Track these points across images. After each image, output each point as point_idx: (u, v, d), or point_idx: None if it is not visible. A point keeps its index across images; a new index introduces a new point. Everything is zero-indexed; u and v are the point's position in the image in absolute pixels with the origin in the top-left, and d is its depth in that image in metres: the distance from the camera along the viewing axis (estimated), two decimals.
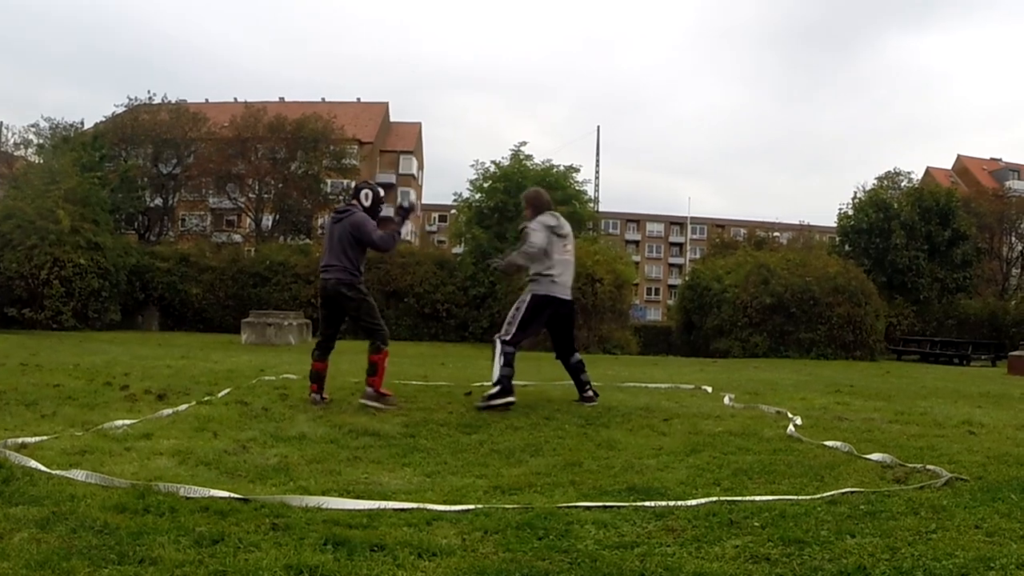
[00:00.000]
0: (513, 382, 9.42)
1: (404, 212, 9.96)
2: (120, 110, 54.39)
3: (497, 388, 9.20)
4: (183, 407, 8.45)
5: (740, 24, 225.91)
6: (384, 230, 9.71)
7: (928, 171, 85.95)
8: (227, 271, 36.48)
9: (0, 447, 5.76)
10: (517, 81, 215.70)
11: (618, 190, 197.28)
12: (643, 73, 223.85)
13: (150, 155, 53.91)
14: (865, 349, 30.16)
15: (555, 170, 39.60)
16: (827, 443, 7.11)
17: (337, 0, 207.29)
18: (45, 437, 6.47)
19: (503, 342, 9.55)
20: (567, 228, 10.08)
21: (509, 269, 10.64)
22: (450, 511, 4.66)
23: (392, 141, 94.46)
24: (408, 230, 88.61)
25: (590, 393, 10.11)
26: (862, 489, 5.32)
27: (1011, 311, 40.32)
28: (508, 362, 9.40)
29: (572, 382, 10.29)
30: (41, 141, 48.26)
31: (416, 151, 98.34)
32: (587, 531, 4.39)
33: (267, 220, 56.65)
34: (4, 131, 52.08)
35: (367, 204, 9.77)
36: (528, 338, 9.91)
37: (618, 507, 4.82)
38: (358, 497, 4.94)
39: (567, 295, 10.04)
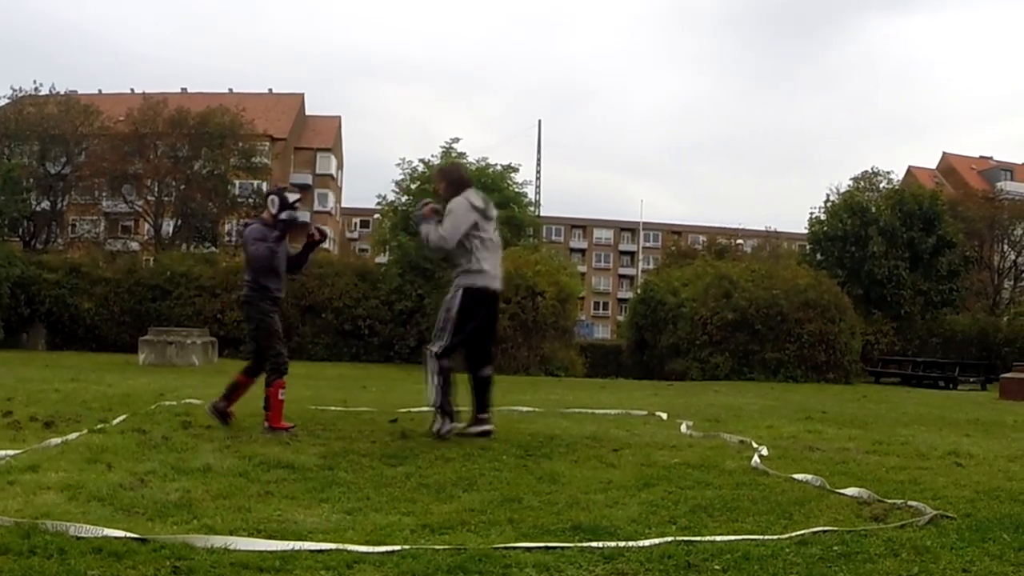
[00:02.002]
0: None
1: (285, 225, 9.89)
2: (2, 102, 53.86)
3: (440, 418, 9.17)
4: (73, 436, 8.39)
5: (699, 5, 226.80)
6: (292, 241, 9.78)
7: (910, 171, 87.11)
8: (123, 283, 36.06)
9: None
10: (449, 70, 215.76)
11: (562, 192, 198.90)
12: (590, 61, 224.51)
13: (36, 153, 53.29)
14: (839, 371, 30.46)
15: (491, 170, 39.74)
16: (796, 476, 7.20)
17: None
18: None
19: (436, 356, 9.45)
20: (492, 208, 10.02)
21: (427, 242, 10.12)
22: (373, 552, 4.68)
23: (308, 137, 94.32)
24: (329, 239, 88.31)
25: (488, 425, 9.67)
26: (836, 528, 5.38)
27: (1003, 328, 40.69)
28: (446, 379, 9.34)
29: (473, 401, 9.88)
30: None
31: (335, 148, 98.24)
32: (527, 575, 4.45)
33: (168, 226, 56.19)
34: None
35: (274, 211, 9.85)
36: (460, 342, 9.66)
37: (562, 548, 4.85)
38: (270, 537, 4.95)
39: (498, 286, 9.87)
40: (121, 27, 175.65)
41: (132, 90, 71.43)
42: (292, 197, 10.05)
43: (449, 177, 10.13)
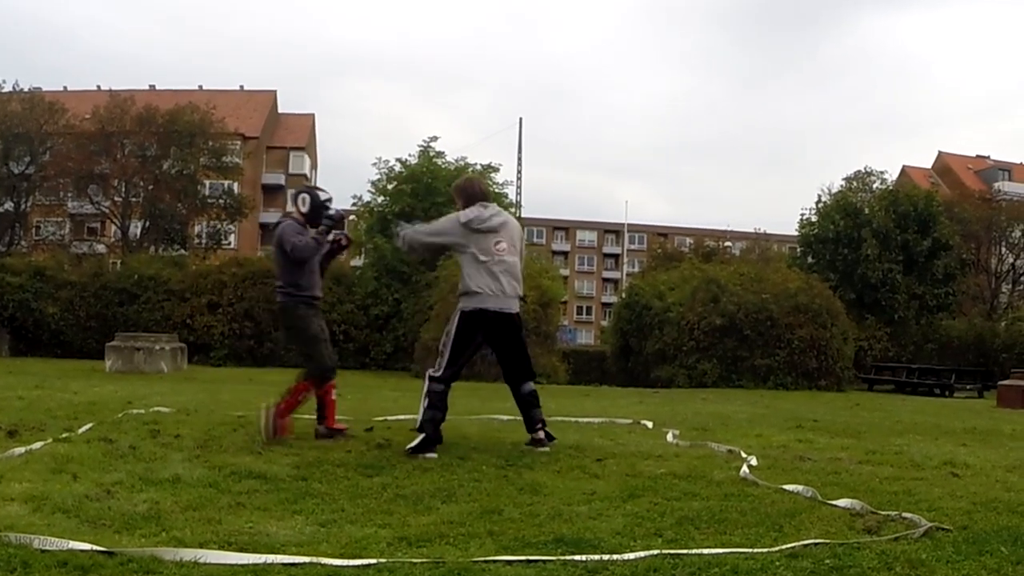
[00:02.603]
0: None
1: (331, 220, 9.90)
2: None
3: (420, 437, 9.16)
4: (37, 445, 8.36)
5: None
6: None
7: (904, 170, 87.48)
8: (89, 287, 36.09)
9: None
10: (427, 66, 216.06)
11: (544, 193, 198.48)
12: (573, 58, 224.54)
13: None
14: (831, 378, 30.54)
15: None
16: (787, 487, 7.22)
17: None
18: None
19: (431, 379, 9.45)
20: (497, 219, 9.80)
21: (403, 244, 10.29)
22: (348, 566, 4.68)
23: (281, 136, 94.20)
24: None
25: (541, 434, 9.65)
26: (827, 541, 5.38)
27: (1000, 333, 40.73)
28: (433, 403, 9.29)
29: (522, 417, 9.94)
30: None
31: (309, 147, 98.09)
32: None
33: (135, 227, 56.09)
34: None
35: (304, 210, 9.89)
36: (461, 368, 9.66)
37: (544, 561, 4.84)
38: (241, 550, 4.94)
39: (506, 306, 9.60)
40: (87, 22, 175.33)
41: (99, 87, 71.47)
42: (323, 196, 10.10)
43: (461, 192, 10.05)
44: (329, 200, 10.12)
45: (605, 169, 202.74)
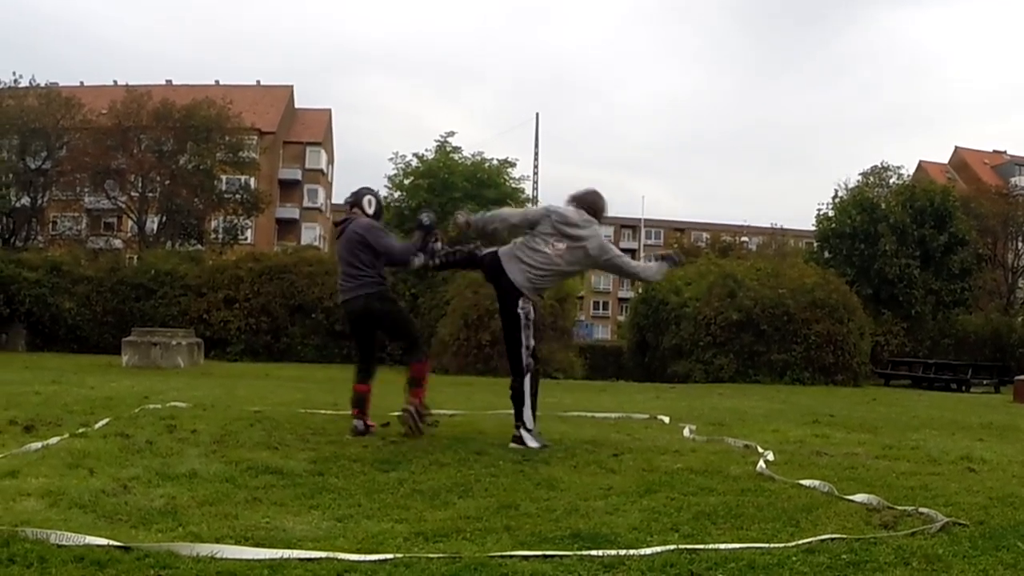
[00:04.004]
0: (448, 413, 9.47)
1: (427, 229, 9.94)
2: None
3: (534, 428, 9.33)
4: (54, 440, 8.39)
5: None
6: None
7: (921, 165, 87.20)
8: (105, 282, 36.04)
9: None
10: (443, 61, 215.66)
11: (560, 188, 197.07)
12: (586, 52, 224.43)
13: (16, 147, 53.15)
14: (848, 373, 30.40)
15: (487, 164, 39.83)
16: (803, 482, 7.20)
17: None
18: None
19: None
20: (578, 231, 9.63)
21: (471, 226, 10.05)
22: (365, 561, 4.67)
23: (297, 131, 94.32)
24: (319, 236, 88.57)
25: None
26: (844, 536, 5.36)
27: (1017, 328, 40.73)
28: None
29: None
30: None
31: (325, 142, 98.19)
32: None
33: (152, 223, 56.24)
34: None
35: (370, 211, 10.22)
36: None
37: (560, 556, 4.83)
38: (258, 545, 4.93)
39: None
40: (104, 17, 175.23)
41: (115, 82, 71.44)
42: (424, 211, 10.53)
43: (583, 200, 10.00)
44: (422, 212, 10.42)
45: (620, 165, 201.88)
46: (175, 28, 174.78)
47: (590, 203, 9.94)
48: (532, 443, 9.22)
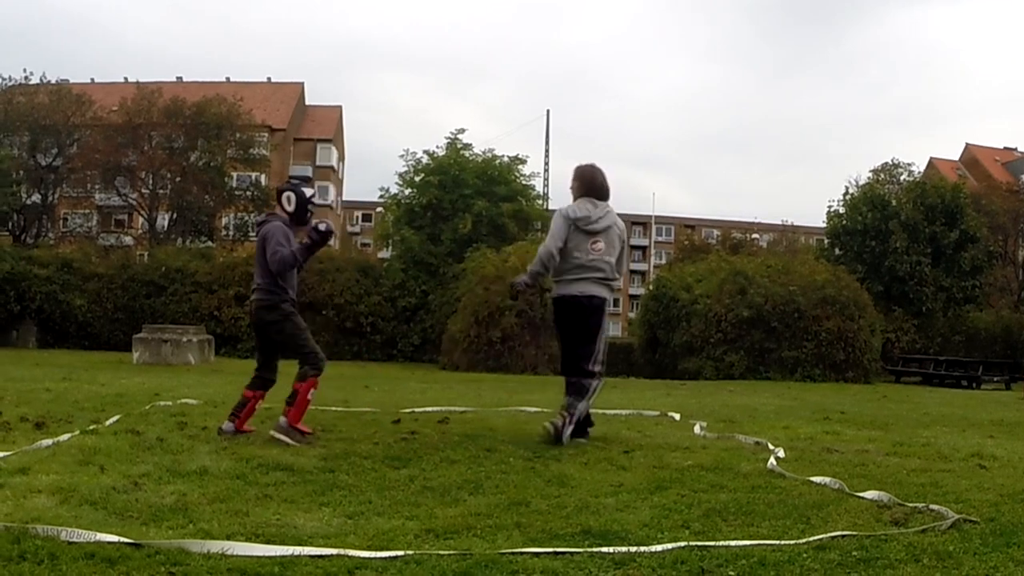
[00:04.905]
0: (459, 409, 9.45)
1: (319, 235, 9.48)
2: None
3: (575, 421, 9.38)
4: (65, 437, 8.41)
5: None
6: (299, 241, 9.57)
7: (932, 162, 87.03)
8: (116, 279, 36.26)
9: None
10: (453, 58, 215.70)
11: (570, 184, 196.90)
12: (597, 48, 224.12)
13: (26, 144, 53.40)
14: (858, 369, 30.37)
15: (498, 161, 39.75)
16: (814, 479, 7.21)
17: None
18: None
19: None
20: (603, 223, 9.89)
21: (533, 282, 10.40)
22: (375, 558, 4.67)
23: (308, 128, 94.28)
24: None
25: (559, 420, 9.43)
26: (855, 532, 5.37)
27: None
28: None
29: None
30: None
31: (336, 139, 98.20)
32: None
33: (163, 220, 56.34)
34: None
35: (290, 209, 9.56)
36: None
37: (571, 553, 4.83)
38: (268, 542, 4.95)
39: (584, 290, 9.82)
40: (114, 14, 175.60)
41: (126, 79, 71.56)
42: (308, 192, 9.82)
43: (583, 180, 10.05)
44: (314, 195, 9.98)
45: (632, 161, 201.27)
46: (186, 25, 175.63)
47: (590, 182, 10.12)
48: (566, 434, 9.28)
